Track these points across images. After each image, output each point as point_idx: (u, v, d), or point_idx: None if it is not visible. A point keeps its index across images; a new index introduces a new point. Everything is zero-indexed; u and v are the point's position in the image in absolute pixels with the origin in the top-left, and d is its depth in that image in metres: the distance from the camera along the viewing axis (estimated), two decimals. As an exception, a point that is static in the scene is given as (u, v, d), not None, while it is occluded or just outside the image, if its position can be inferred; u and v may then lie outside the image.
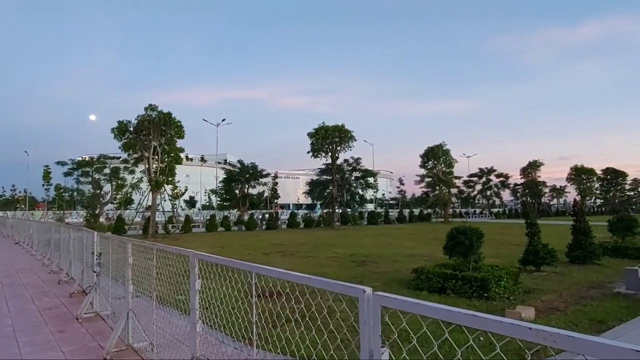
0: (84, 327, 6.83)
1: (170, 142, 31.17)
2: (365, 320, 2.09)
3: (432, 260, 13.42)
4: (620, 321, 7.05)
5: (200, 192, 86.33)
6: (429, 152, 51.18)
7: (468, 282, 8.87)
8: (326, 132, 40.17)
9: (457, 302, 8.44)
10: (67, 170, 50.42)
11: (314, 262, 14.72)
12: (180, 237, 28.64)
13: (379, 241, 23.81)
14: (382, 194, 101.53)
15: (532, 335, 1.47)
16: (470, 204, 78.89)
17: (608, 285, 10.07)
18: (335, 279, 8.47)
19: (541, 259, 11.99)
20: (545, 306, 8.11)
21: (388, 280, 10.89)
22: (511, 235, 24.19)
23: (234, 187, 47.96)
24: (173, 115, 30.60)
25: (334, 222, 41.65)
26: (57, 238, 13.39)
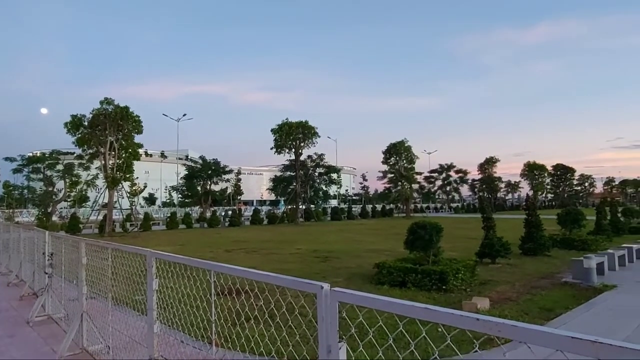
0: (36, 331, 6.56)
1: (128, 138, 30.10)
2: (323, 316, 2.11)
3: (393, 255, 13.67)
4: (567, 309, 7.48)
5: (161, 188, 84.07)
6: (391, 149, 52.03)
7: (428, 275, 9.12)
8: (290, 129, 40.08)
9: (417, 295, 8.66)
10: (16, 167, 47.75)
11: (277, 259, 14.69)
12: (139, 236, 27.82)
13: (342, 237, 24.03)
14: (346, 190, 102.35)
15: (479, 325, 1.53)
16: (430, 199, 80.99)
17: (557, 276, 10.66)
18: (298, 276, 8.51)
19: (496, 251, 12.51)
20: (499, 296, 8.46)
21: (350, 276, 11.03)
22: (469, 230, 25.03)
23: (196, 184, 47.03)
24: (131, 109, 29.57)
25: (298, 218, 41.67)
26: (5, 238, 12.75)
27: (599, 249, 14.28)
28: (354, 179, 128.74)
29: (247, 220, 42.78)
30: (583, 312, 7.41)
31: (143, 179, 61.95)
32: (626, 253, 12.52)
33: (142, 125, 30.40)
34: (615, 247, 13.42)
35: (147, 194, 75.52)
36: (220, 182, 48.67)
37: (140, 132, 30.71)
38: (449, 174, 70.87)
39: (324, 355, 2.06)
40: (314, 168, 46.84)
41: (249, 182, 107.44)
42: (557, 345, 1.31)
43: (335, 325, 2.07)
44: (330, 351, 2.06)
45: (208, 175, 46.15)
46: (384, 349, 2.28)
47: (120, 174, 30.09)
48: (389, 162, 52.89)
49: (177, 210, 47.36)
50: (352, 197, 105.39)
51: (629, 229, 22.86)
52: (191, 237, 25.69)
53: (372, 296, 1.98)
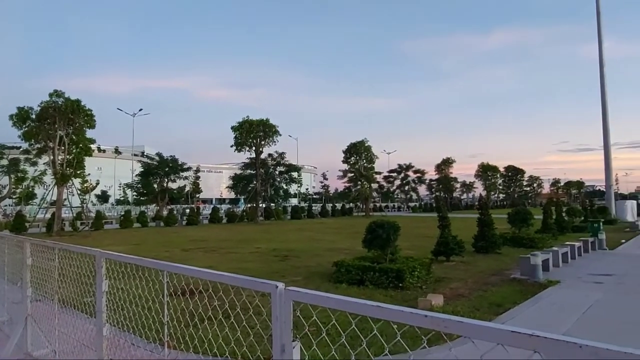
0: (-26, 337, 6.16)
1: (79, 132, 28.75)
2: (278, 315, 2.10)
3: (352, 254, 13.83)
4: (515, 304, 7.85)
5: (114, 186, 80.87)
6: (351, 148, 52.64)
7: (385, 273, 9.29)
8: (250, 126, 39.65)
9: (374, 293, 8.80)
10: (-47, 162, 44.58)
11: (236, 258, 14.53)
12: (90, 235, 26.69)
13: (302, 235, 24.07)
14: (306, 189, 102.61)
15: (427, 322, 1.57)
16: (389, 198, 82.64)
17: (506, 272, 11.15)
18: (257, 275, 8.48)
19: (451, 249, 12.93)
20: (453, 293, 8.75)
21: (309, 274, 11.06)
22: (426, 228, 25.70)
23: (152, 181, 45.69)
24: (83, 103, 28.29)
25: (258, 217, 41.35)
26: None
27: (545, 246, 15.01)
28: (314, 177, 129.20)
29: (205, 219, 42.00)
30: (529, 306, 7.80)
31: (95, 175, 59.36)
32: (569, 250, 13.28)
33: (95, 119, 29.18)
34: (560, 244, 14.16)
35: (99, 191, 72.65)
36: (178, 179, 47.56)
37: (93, 127, 29.46)
38: (407, 173, 72.55)
39: (278, 355, 2.06)
40: (274, 166, 46.64)
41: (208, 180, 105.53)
42: (498, 339, 1.36)
43: (290, 324, 2.07)
44: (284, 350, 2.06)
45: (165, 172, 44.97)
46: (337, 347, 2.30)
47: (70, 170, 28.74)
48: (349, 162, 53.49)
49: (131, 209, 45.80)
50: (313, 196, 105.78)
51: (572, 228, 24.28)
52: (146, 236, 24.93)
53: (326, 295, 1.99)
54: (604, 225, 19.55)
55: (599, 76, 39.84)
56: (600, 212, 32.80)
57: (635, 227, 26.55)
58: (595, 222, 18.86)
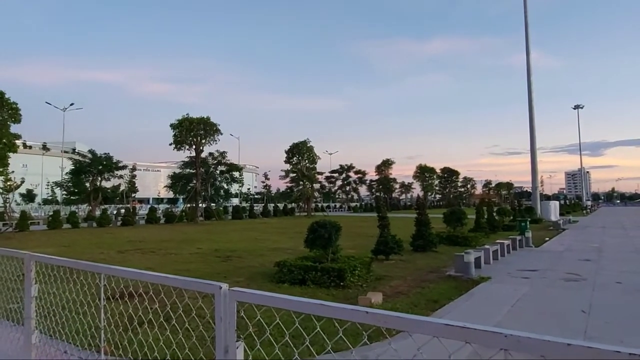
0: None
1: (3, 127, 26.58)
2: (222, 316, 2.11)
3: (295, 253, 13.88)
4: (450, 300, 8.27)
5: (42, 184, 75.25)
6: (293, 148, 52.74)
7: (327, 272, 9.43)
8: (190, 124, 38.47)
9: (316, 292, 8.92)
10: None
11: (177, 259, 14.08)
12: (14, 237, 24.66)
13: (244, 236, 23.78)
14: (248, 189, 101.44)
15: (369, 318, 1.66)
16: (331, 198, 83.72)
17: (442, 270, 11.70)
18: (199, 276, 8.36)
19: (390, 248, 13.36)
20: (392, 291, 9.07)
21: (252, 275, 10.98)
22: (366, 228, 26.32)
23: (84, 180, 43.11)
24: (7, 95, 26.16)
25: (198, 217, 40.26)
26: None
27: (478, 244, 15.96)
28: (256, 177, 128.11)
29: (142, 219, 40.25)
30: (464, 301, 8.26)
31: (20, 173, 54.93)
32: (499, 248, 14.17)
33: (21, 113, 27.08)
34: (491, 242, 15.07)
35: (24, 190, 67.16)
36: (112, 178, 45.28)
37: (18, 121, 27.40)
38: (348, 174, 73.75)
39: (221, 355, 2.07)
40: (215, 166, 45.63)
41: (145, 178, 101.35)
42: (433, 332, 1.48)
43: (234, 324, 2.08)
44: (227, 351, 2.07)
45: (98, 170, 42.65)
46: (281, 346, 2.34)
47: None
48: (292, 162, 53.55)
49: (61, 209, 42.92)
50: (254, 196, 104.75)
51: (503, 227, 25.89)
52: (78, 238, 23.46)
53: (270, 294, 2.03)
54: (531, 224, 21.11)
55: (527, 84, 42.67)
56: (528, 212, 35.42)
57: (558, 225, 28.94)
58: (522, 221, 20.31)
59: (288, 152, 53.13)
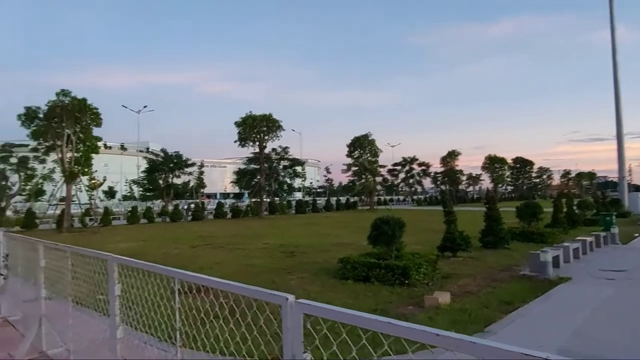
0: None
1: (86, 131, 28.96)
2: (289, 326, 2.11)
3: (358, 249, 13.84)
4: (525, 301, 7.79)
5: (121, 182, 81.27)
6: (355, 142, 52.51)
7: (391, 270, 9.30)
8: (253, 122, 39.67)
9: (381, 289, 8.83)
10: (-35, 160, 45.07)
11: (244, 254, 14.57)
12: (99, 231, 26.89)
13: (307, 230, 24.11)
14: (310, 183, 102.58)
15: (439, 341, 1.56)
16: (394, 191, 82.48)
17: (515, 268, 11.05)
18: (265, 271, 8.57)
19: (457, 245, 12.87)
20: (460, 290, 8.74)
21: (317, 271, 11.09)
22: (431, 222, 25.63)
23: (158, 177, 45.87)
24: (89, 101, 28.43)
25: (262, 212, 41.45)
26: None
27: (555, 241, 14.82)
28: (318, 171, 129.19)
29: (210, 214, 42.14)
30: (540, 304, 7.74)
31: (102, 172, 59.65)
32: (580, 246, 13.10)
33: (101, 117, 29.34)
34: (571, 239, 13.99)
35: (106, 187, 72.97)
36: (182, 175, 47.66)
37: (99, 125, 29.67)
38: (411, 166, 72.14)
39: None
40: (278, 161, 46.65)
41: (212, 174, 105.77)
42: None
43: (300, 336, 2.08)
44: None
45: (170, 168, 45.12)
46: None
47: (78, 168, 28.96)
48: (353, 155, 53.38)
49: (138, 204, 46.11)
50: (317, 190, 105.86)
51: (584, 221, 23.58)
52: (154, 232, 25.07)
53: (336, 309, 1.99)
54: (617, 219, 19.21)
55: (612, 64, 38.91)
56: (613, 205, 31.73)
57: (649, 220, 26.02)
58: (607, 215, 18.58)
59: (349, 146, 53.03)
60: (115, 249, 16.39)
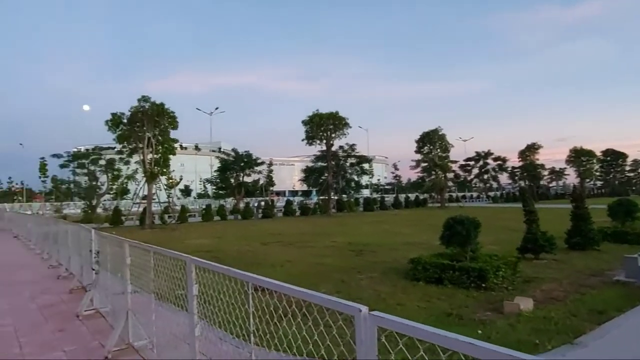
0: (85, 325, 6.80)
1: (164, 133, 30.91)
2: (362, 339, 2.01)
3: (429, 248, 13.38)
4: (620, 311, 6.99)
5: (196, 180, 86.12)
6: (424, 137, 51.08)
7: (466, 272, 8.84)
8: (320, 120, 40.01)
9: (455, 292, 8.44)
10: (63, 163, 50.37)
11: (313, 252, 14.68)
12: (177, 228, 28.57)
13: (376, 228, 23.82)
14: (378, 180, 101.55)
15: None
16: (467, 188, 79.08)
17: (608, 273, 9.98)
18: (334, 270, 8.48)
19: (540, 246, 11.92)
20: (544, 296, 8.09)
21: (386, 270, 10.85)
22: (509, 220, 24.23)
23: (229, 176, 47.79)
24: (166, 106, 30.30)
25: (330, 210, 41.68)
26: (54, 231, 13.29)
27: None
28: (386, 168, 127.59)
29: (279, 211, 43.14)
30: (638, 315, 6.94)
31: (178, 171, 63.57)
32: (685, 248, 11.66)
33: (177, 120, 31.11)
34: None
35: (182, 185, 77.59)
36: (252, 173, 49.21)
37: (176, 128, 31.49)
38: (486, 161, 68.77)
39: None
40: (345, 158, 46.62)
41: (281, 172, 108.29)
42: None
43: (374, 349, 1.96)
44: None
45: (240, 167, 46.78)
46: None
47: (157, 169, 30.93)
48: (422, 151, 51.98)
49: (211, 202, 48.40)
50: (385, 187, 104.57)
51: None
52: (227, 230, 26.13)
53: (413, 324, 1.84)
54: None
55: None
56: None
57: None
58: None
59: (418, 142, 51.70)
60: (193, 245, 17.29)
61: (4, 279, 11.10)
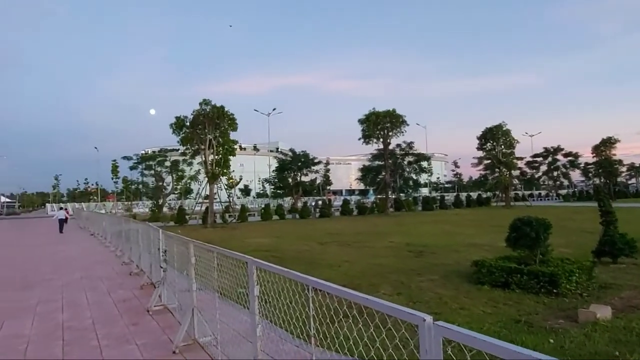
0: (155, 320, 7.14)
1: (224, 135, 31.99)
2: (427, 349, 1.92)
3: (493, 251, 12.82)
4: None
5: (254, 180, 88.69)
6: (487, 133, 49.03)
7: (535, 277, 8.33)
8: (377, 118, 39.57)
9: (523, 298, 7.99)
10: (132, 164, 54.08)
11: (370, 253, 14.53)
12: (238, 227, 29.47)
13: (436, 229, 23.17)
14: (437, 178, 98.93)
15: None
16: (534, 186, 74.89)
17: (700, 281, 9.01)
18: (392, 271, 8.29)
19: (619, 250, 10.96)
20: (624, 304, 7.43)
21: (447, 273, 10.50)
22: (583, 221, 22.63)
23: (287, 175, 48.64)
24: (226, 108, 31.35)
25: (388, 209, 41.13)
26: (127, 229, 14.12)
27: None
28: (445, 166, 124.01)
29: (336, 210, 43.20)
30: None
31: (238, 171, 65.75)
32: None
33: (237, 122, 32.09)
34: None
35: (242, 185, 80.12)
36: (309, 172, 49.74)
37: (235, 129, 32.48)
38: (555, 157, 64.61)
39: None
40: (403, 157, 45.82)
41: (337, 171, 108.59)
42: None
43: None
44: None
45: (298, 167, 47.44)
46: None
47: (218, 169, 32.10)
48: (485, 148, 49.94)
49: (270, 202, 49.52)
50: (444, 185, 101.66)
51: None
52: (285, 229, 26.57)
53: (482, 337, 1.73)
54: None
55: None
56: None
57: None
58: None
59: (480, 138, 49.75)
60: (253, 244, 17.75)
61: (84, 274, 11.98)
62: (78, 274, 11.91)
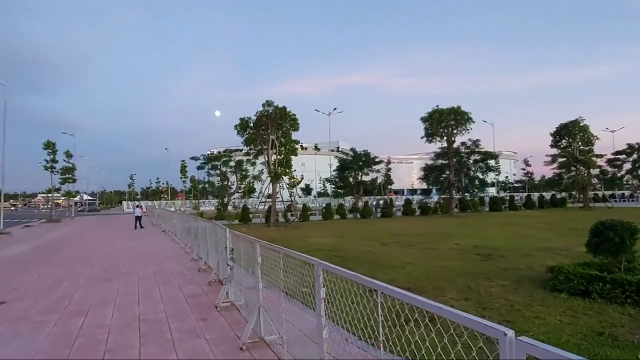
0: (222, 316, 7.39)
1: (286, 135, 32.55)
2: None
3: (570, 256, 11.96)
4: None
5: (315, 179, 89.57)
6: (561, 130, 45.92)
7: (620, 285, 7.65)
8: (440, 116, 38.35)
9: (606, 308, 7.37)
10: (199, 165, 56.88)
11: (435, 255, 14.12)
12: (300, 226, 29.87)
13: (505, 231, 22.06)
14: (505, 177, 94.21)
15: None
16: (616, 185, 69.11)
17: None
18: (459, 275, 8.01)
19: None
20: None
21: (519, 278, 9.93)
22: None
23: (348, 175, 48.62)
24: (287, 109, 31.89)
25: (452, 209, 39.79)
26: (195, 227, 14.77)
27: None
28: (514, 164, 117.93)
29: (398, 210, 42.52)
30: None
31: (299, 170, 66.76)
32: None
33: (298, 122, 32.51)
34: None
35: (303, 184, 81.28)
36: (370, 172, 49.37)
37: (297, 130, 32.92)
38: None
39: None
40: (468, 155, 44.10)
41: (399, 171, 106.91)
42: None
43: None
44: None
45: (359, 166, 47.23)
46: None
47: (281, 169, 32.75)
48: (560, 145, 46.79)
49: (331, 201, 49.75)
50: (514, 185, 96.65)
51: None
52: (346, 228, 26.56)
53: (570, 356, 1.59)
54: None
55: None
56: None
57: None
58: None
59: (554, 135, 46.70)
60: (316, 243, 17.91)
61: (157, 268, 12.72)
62: (152, 269, 12.66)
